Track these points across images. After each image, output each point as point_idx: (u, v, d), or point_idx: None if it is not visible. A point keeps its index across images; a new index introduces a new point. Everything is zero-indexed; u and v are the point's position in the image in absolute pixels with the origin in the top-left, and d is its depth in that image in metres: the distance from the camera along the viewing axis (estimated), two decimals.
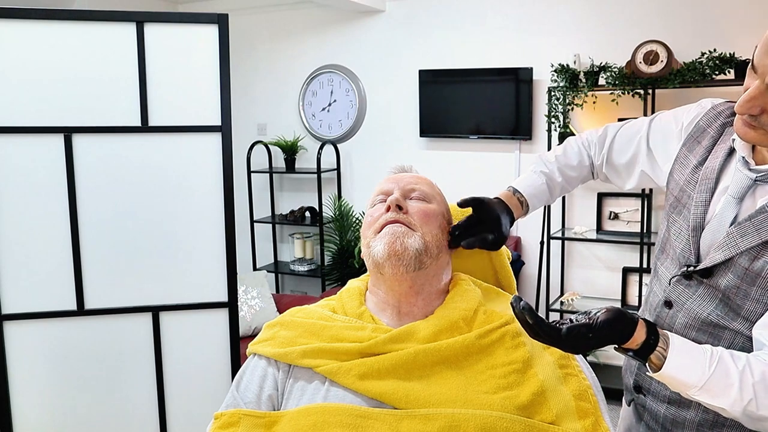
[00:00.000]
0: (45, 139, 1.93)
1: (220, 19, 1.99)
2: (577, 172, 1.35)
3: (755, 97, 0.91)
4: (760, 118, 0.94)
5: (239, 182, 3.70)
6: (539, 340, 0.94)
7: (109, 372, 2.05)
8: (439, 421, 0.95)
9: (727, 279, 1.00)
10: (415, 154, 4.05)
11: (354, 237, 4.11)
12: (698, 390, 0.91)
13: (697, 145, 1.13)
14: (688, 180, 1.11)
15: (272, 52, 4.47)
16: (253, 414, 1.03)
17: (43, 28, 1.91)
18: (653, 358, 0.93)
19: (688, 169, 1.12)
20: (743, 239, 0.98)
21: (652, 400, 1.15)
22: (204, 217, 2.06)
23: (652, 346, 0.93)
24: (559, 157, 1.35)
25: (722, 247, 1.01)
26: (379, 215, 1.16)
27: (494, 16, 3.77)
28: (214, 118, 2.02)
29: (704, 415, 1.06)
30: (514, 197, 1.29)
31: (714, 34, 3.23)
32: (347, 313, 1.16)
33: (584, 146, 1.36)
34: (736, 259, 0.99)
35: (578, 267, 3.70)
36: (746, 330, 1.00)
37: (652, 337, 0.93)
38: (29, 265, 1.97)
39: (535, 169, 1.35)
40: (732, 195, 1.03)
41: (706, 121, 1.14)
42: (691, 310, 1.06)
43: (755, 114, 0.93)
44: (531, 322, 0.91)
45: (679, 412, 1.10)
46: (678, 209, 1.12)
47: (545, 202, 1.35)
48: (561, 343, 0.92)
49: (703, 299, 1.05)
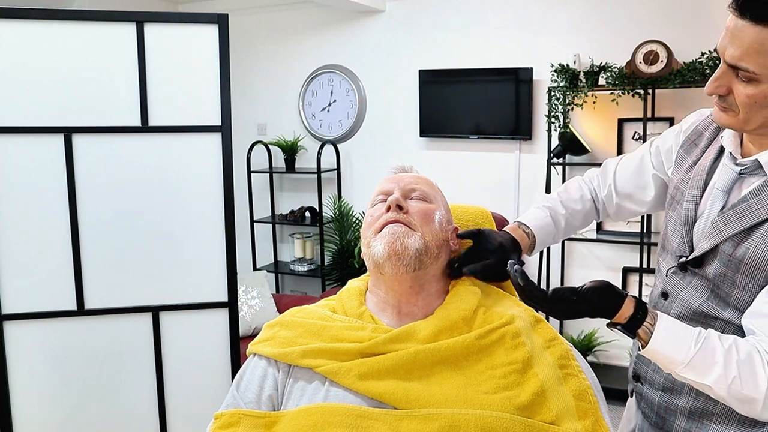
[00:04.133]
0: (45, 139, 1.93)
1: (220, 19, 1.99)
2: (580, 205, 1.37)
3: (719, 77, 0.97)
4: (728, 99, 0.99)
5: (239, 182, 3.70)
6: (529, 303, 1.01)
7: (109, 372, 2.05)
8: (439, 421, 0.95)
9: (715, 267, 1.05)
10: (415, 154, 4.05)
11: (354, 237, 4.11)
12: (684, 367, 0.95)
13: (694, 148, 1.18)
14: (682, 178, 1.17)
15: (272, 52, 4.47)
16: (253, 414, 1.04)
17: (43, 28, 1.91)
18: (641, 333, 0.98)
19: (684, 168, 1.18)
20: (726, 227, 1.03)
21: (648, 389, 1.20)
22: (204, 217, 2.06)
23: (639, 320, 0.97)
24: (560, 193, 1.39)
25: (708, 236, 1.06)
26: (379, 215, 1.16)
27: (494, 16, 3.77)
28: (214, 118, 2.02)
29: (695, 402, 1.10)
30: (519, 229, 1.29)
31: (714, 34, 3.20)
32: (347, 313, 1.16)
33: (585, 181, 1.40)
34: (721, 246, 1.04)
35: (578, 267, 3.70)
36: (736, 320, 1.04)
37: (640, 312, 0.98)
38: (29, 265, 1.96)
39: (538, 205, 1.36)
40: (719, 188, 1.08)
41: (703, 125, 1.20)
42: (685, 300, 1.12)
43: (723, 94, 0.99)
44: (522, 285, 0.99)
45: (671, 400, 1.14)
46: (673, 206, 1.18)
47: (552, 236, 1.34)
48: (547, 304, 0.99)
49: (695, 290, 1.10)
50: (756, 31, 0.90)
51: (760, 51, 0.90)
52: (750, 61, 0.91)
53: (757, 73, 0.92)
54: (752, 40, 0.90)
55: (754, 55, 0.91)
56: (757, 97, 0.94)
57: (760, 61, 0.91)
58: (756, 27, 0.89)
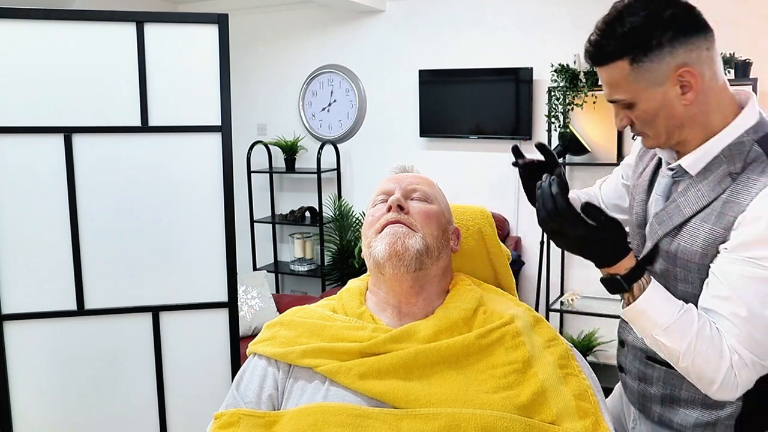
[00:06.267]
0: (45, 139, 1.93)
1: (220, 19, 1.99)
2: None
3: (615, 115, 1.11)
4: (636, 129, 1.11)
5: (239, 182, 3.70)
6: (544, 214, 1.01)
7: (109, 372, 2.05)
8: (440, 420, 0.95)
9: (660, 264, 1.14)
10: (415, 154, 4.05)
11: (354, 237, 4.11)
12: (662, 331, 1.00)
13: (645, 156, 1.28)
14: (634, 185, 1.28)
15: (272, 52, 4.47)
16: (253, 414, 1.04)
17: (43, 28, 1.91)
18: (635, 288, 1.02)
19: (636, 176, 1.28)
20: (660, 227, 1.12)
21: (629, 378, 1.28)
22: (204, 217, 2.06)
23: (638, 275, 1.02)
24: None
25: (650, 237, 1.16)
26: (380, 215, 1.16)
27: (494, 16, 3.77)
28: (214, 118, 2.02)
29: (664, 390, 1.19)
30: None
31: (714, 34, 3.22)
32: (347, 312, 1.16)
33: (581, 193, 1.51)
34: (660, 245, 1.13)
35: (578, 267, 3.69)
36: None
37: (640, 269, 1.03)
38: (29, 265, 1.96)
39: None
40: (658, 193, 1.18)
41: None
42: None
43: (628, 124, 1.11)
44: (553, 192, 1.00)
45: (646, 388, 1.23)
46: (630, 212, 1.29)
47: None
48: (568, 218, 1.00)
49: None
50: (607, 71, 1.05)
51: (617, 83, 1.05)
52: (617, 93, 1.06)
53: (628, 99, 1.05)
54: (608, 78, 1.06)
55: (616, 87, 1.06)
56: (644, 115, 1.06)
57: (622, 90, 1.05)
58: (604, 68, 1.06)
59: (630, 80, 1.03)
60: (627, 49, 1.01)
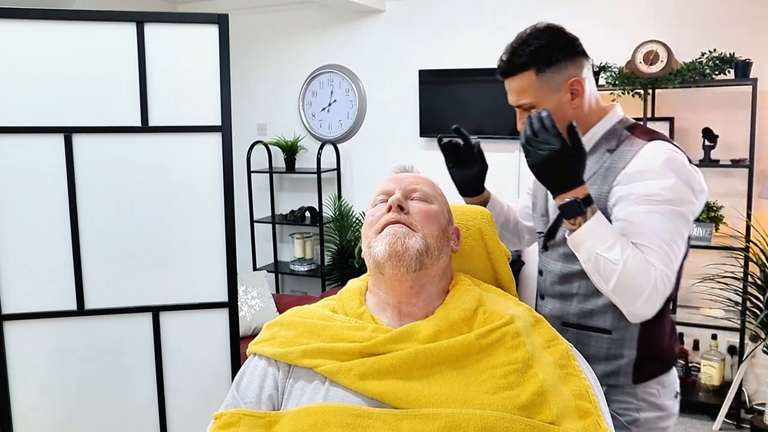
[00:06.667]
0: (45, 139, 1.93)
1: (220, 19, 1.99)
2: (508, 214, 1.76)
3: (519, 118, 1.40)
4: None
5: (239, 182, 3.71)
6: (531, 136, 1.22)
7: (109, 372, 2.05)
8: (440, 420, 0.95)
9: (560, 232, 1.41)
10: (415, 154, 4.05)
11: (354, 237, 4.11)
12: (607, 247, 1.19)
13: None
14: (537, 185, 1.53)
15: (272, 52, 4.47)
16: (253, 414, 1.03)
17: (43, 28, 1.91)
18: (589, 210, 1.21)
19: None
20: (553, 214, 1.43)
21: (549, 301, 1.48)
22: (204, 217, 2.06)
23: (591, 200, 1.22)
24: None
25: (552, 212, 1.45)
26: (380, 215, 1.16)
27: (494, 16, 3.77)
28: (214, 118, 2.02)
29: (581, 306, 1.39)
30: None
31: (714, 34, 3.23)
32: (347, 313, 1.16)
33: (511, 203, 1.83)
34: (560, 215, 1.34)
35: None
36: None
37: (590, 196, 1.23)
38: (29, 265, 1.97)
39: None
40: None
41: None
42: (551, 270, 1.46)
43: None
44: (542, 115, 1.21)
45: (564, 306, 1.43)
46: (534, 208, 1.54)
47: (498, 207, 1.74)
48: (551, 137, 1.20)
49: (555, 260, 1.44)
50: (517, 81, 1.36)
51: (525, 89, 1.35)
52: (524, 98, 1.35)
53: (532, 102, 1.34)
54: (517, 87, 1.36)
55: (523, 93, 1.35)
56: None
57: (528, 94, 1.34)
58: (514, 78, 1.37)
59: (535, 87, 1.33)
60: (534, 62, 1.32)
